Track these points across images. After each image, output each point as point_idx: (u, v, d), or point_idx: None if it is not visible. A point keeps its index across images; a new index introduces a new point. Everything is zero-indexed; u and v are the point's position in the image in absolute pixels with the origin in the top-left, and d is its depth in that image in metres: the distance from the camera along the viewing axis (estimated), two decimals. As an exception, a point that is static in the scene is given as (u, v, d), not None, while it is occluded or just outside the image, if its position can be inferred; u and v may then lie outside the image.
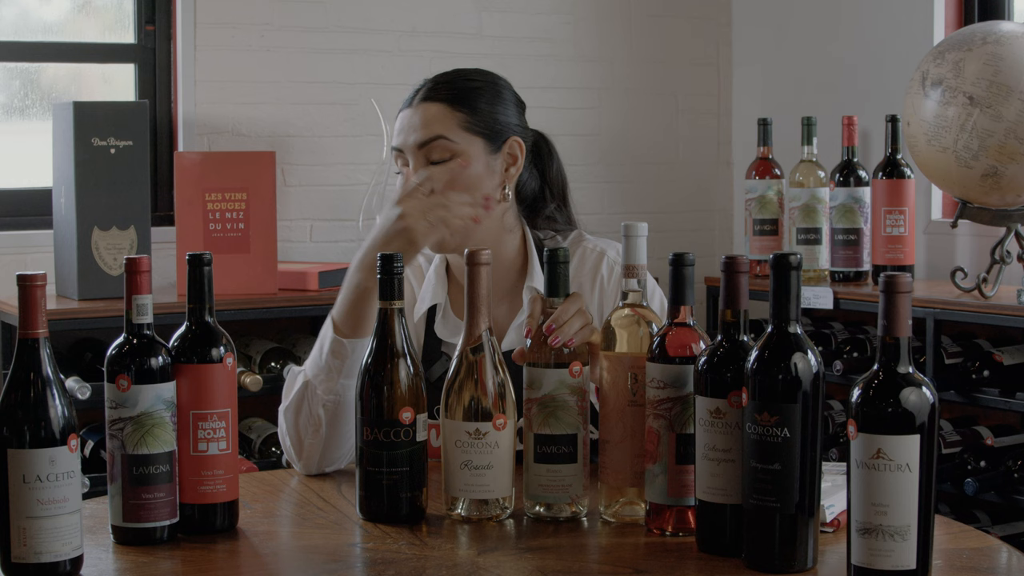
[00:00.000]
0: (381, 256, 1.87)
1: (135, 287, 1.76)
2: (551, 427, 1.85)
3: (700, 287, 4.13)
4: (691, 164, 4.54)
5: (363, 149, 3.99)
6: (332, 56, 3.99)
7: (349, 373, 2.09)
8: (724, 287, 1.70)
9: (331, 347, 2.11)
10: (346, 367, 2.10)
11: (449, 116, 2.22)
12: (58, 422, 1.62)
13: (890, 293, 1.55)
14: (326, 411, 2.10)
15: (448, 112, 2.22)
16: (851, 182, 3.66)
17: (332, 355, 2.10)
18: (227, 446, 1.81)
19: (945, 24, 3.85)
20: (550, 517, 1.87)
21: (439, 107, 2.22)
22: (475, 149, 2.22)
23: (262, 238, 3.53)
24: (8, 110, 3.80)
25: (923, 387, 1.55)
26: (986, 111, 3.14)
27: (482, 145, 2.23)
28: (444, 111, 2.22)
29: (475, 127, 2.23)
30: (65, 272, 3.41)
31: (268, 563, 1.76)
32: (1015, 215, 3.33)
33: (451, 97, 2.23)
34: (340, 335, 2.10)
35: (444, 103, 2.23)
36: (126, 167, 3.37)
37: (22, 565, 1.62)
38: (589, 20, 4.35)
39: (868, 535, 1.55)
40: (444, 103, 2.23)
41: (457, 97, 2.23)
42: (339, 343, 2.10)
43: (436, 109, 2.22)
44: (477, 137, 2.23)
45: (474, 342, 1.87)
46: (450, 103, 2.23)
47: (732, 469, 1.68)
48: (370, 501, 1.87)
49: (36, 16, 3.83)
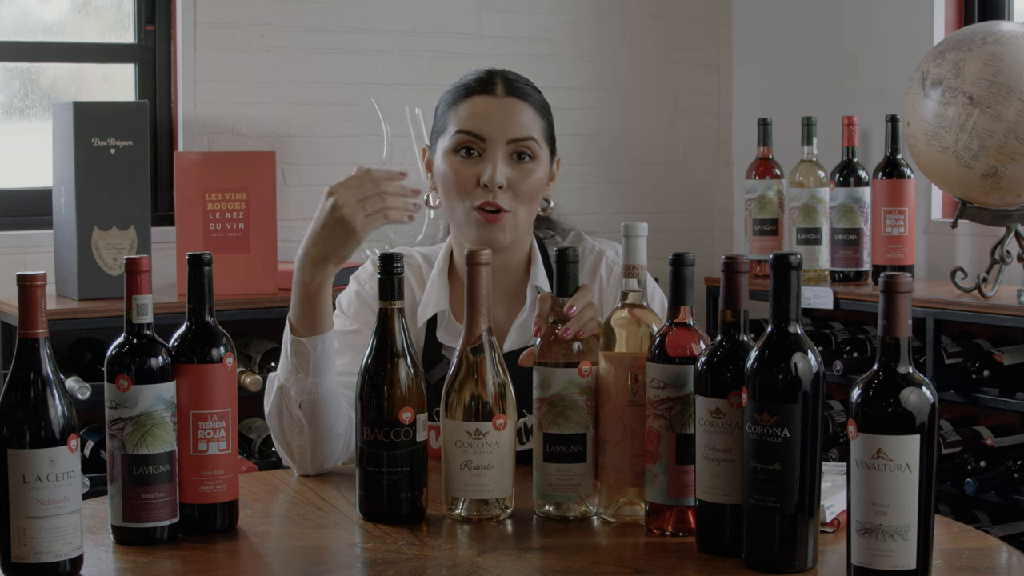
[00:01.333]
0: (381, 256, 1.88)
1: (135, 287, 1.76)
2: (560, 426, 1.85)
3: (700, 287, 4.13)
4: (691, 164, 4.54)
5: (363, 149, 3.99)
6: (332, 56, 3.99)
7: (318, 371, 2.09)
8: (724, 287, 1.70)
9: (292, 348, 2.09)
10: (312, 365, 2.08)
11: (537, 120, 2.24)
12: (58, 422, 1.62)
13: (890, 293, 1.55)
14: (303, 411, 2.10)
15: (536, 116, 2.24)
16: (851, 182, 3.66)
17: (295, 356, 2.09)
18: (227, 446, 1.81)
19: (945, 24, 3.86)
20: (560, 516, 1.87)
21: (528, 107, 2.24)
22: (544, 157, 2.25)
23: (262, 238, 3.53)
24: (8, 110, 3.80)
25: (923, 387, 1.55)
26: (986, 111, 3.14)
27: (547, 155, 2.27)
28: (532, 112, 2.24)
29: (548, 137, 2.27)
30: (65, 272, 3.41)
31: (268, 563, 1.76)
32: (1015, 215, 3.33)
33: (536, 101, 2.25)
34: (297, 335, 2.09)
35: (531, 106, 2.24)
36: (126, 167, 3.37)
37: (22, 565, 1.62)
38: (589, 20, 4.35)
39: (868, 535, 1.55)
40: (531, 106, 2.24)
41: (539, 102, 2.26)
42: (298, 343, 2.09)
43: (528, 109, 2.23)
44: (547, 147, 2.26)
45: (474, 342, 1.87)
46: (535, 108, 2.25)
47: (732, 469, 1.68)
48: (370, 501, 1.87)
49: (36, 16, 3.83)
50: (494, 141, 2.20)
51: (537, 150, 2.23)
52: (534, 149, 2.22)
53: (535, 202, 2.25)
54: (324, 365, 2.09)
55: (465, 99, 2.24)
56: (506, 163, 2.20)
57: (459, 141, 2.21)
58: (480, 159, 2.20)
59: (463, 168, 2.21)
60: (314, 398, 2.09)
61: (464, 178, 2.20)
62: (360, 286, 2.30)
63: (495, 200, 2.19)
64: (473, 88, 2.24)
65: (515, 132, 2.21)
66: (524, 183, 2.21)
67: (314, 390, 2.09)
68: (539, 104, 2.26)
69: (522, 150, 2.21)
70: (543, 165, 2.24)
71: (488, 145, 2.20)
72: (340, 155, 3.99)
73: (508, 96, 2.23)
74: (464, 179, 2.20)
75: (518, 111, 2.22)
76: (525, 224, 2.25)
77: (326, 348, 2.09)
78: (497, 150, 2.20)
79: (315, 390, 2.09)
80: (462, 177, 2.20)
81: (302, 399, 2.10)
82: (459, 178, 2.20)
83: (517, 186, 2.20)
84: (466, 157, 2.21)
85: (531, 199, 2.23)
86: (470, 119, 2.21)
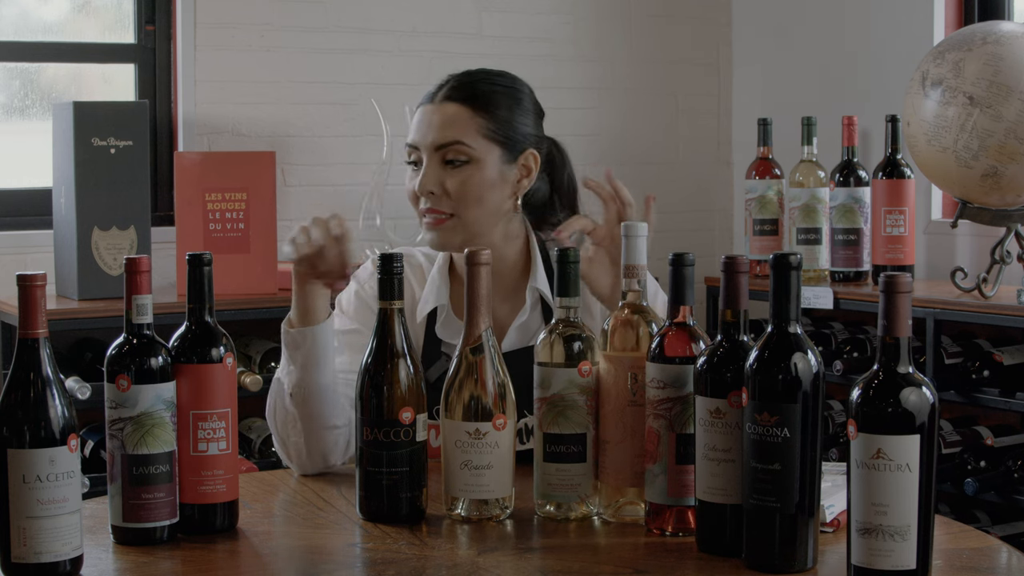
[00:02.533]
0: (381, 256, 1.88)
1: (135, 287, 1.76)
2: (560, 426, 1.85)
3: (700, 287, 4.13)
4: (691, 164, 4.54)
5: (363, 149, 3.99)
6: (332, 56, 3.99)
7: (309, 363, 2.10)
8: (724, 287, 1.70)
9: (285, 339, 2.13)
10: (303, 356, 2.10)
11: (469, 120, 2.22)
12: (58, 422, 1.62)
13: (890, 293, 1.55)
14: (294, 402, 2.11)
15: (469, 116, 2.22)
16: (851, 182, 3.66)
17: (286, 347, 2.13)
18: (227, 446, 1.81)
19: (945, 24, 3.85)
20: (560, 516, 1.87)
21: (460, 109, 2.22)
22: (491, 157, 2.23)
23: (262, 238, 3.53)
24: (8, 110, 3.80)
25: (923, 387, 1.55)
26: (986, 111, 3.14)
27: (498, 154, 2.24)
28: (465, 114, 2.22)
29: (493, 134, 2.23)
30: (65, 272, 3.41)
31: (268, 563, 1.76)
32: (1015, 215, 3.33)
33: (473, 100, 2.22)
34: (289, 326, 2.13)
35: (466, 106, 2.22)
36: (126, 167, 3.37)
37: (22, 565, 1.62)
38: (589, 20, 4.35)
39: (868, 535, 1.55)
40: (466, 106, 2.22)
41: (479, 101, 2.23)
42: (288, 334, 2.12)
43: (457, 111, 2.22)
44: (494, 145, 2.23)
45: (474, 342, 1.87)
46: (472, 106, 2.22)
47: (732, 469, 1.68)
48: (370, 501, 1.87)
49: (36, 16, 3.83)
50: (426, 149, 2.23)
51: (470, 151, 2.21)
52: (466, 151, 2.21)
53: (484, 203, 2.22)
54: (316, 357, 2.09)
55: (416, 110, 2.28)
56: (440, 168, 2.22)
57: (407, 154, 2.27)
58: (419, 168, 2.24)
59: (410, 180, 2.26)
60: (306, 391, 2.10)
61: (410, 190, 2.26)
62: (360, 285, 2.31)
63: (431, 206, 2.22)
64: (422, 99, 2.28)
65: (437, 138, 2.22)
66: (457, 187, 2.21)
67: (306, 382, 2.10)
68: (482, 103, 2.23)
69: (449, 155, 2.21)
70: (488, 165, 2.22)
71: (423, 154, 2.23)
72: (340, 155, 3.99)
73: (444, 101, 2.24)
74: (410, 191, 2.26)
75: (448, 115, 2.22)
76: (479, 225, 2.23)
77: (317, 340, 2.10)
78: (429, 157, 2.22)
79: (307, 383, 2.10)
80: (409, 189, 2.26)
81: (293, 391, 2.11)
82: (408, 190, 2.26)
83: (451, 190, 2.21)
84: (414, 168, 2.25)
85: (475, 201, 2.21)
86: (412, 131, 2.26)
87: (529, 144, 2.27)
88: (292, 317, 2.13)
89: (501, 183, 2.24)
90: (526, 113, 2.27)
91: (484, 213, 2.23)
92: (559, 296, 1.88)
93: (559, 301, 1.88)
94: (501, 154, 2.24)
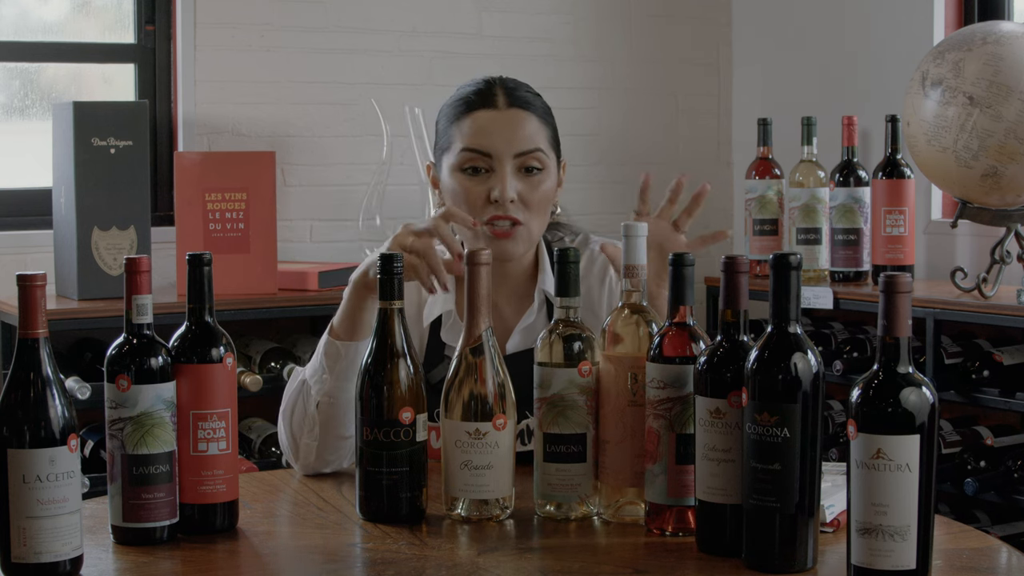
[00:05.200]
0: (381, 256, 1.88)
1: (135, 287, 1.76)
2: (560, 426, 1.85)
3: (700, 287, 4.12)
4: (691, 164, 4.53)
5: (363, 149, 3.99)
6: (332, 56, 3.99)
7: (343, 376, 2.10)
8: (724, 287, 1.71)
9: (324, 348, 2.12)
10: (339, 369, 2.10)
11: (541, 129, 2.23)
12: (58, 422, 1.62)
13: (890, 293, 1.55)
14: (320, 411, 2.10)
15: (540, 125, 2.23)
16: (851, 182, 3.66)
17: (325, 356, 2.11)
18: (227, 446, 1.81)
19: (945, 24, 3.85)
20: (561, 516, 1.87)
21: (532, 117, 2.22)
22: (553, 165, 2.26)
23: (262, 238, 3.53)
24: (8, 110, 3.80)
25: (923, 387, 1.55)
26: (986, 111, 3.14)
27: (555, 162, 2.26)
28: (536, 122, 2.23)
29: (554, 143, 2.26)
30: (65, 272, 3.41)
31: (268, 563, 1.76)
32: (1015, 215, 3.33)
33: (537, 109, 2.24)
34: (334, 336, 2.12)
35: (534, 114, 2.23)
36: (126, 167, 3.37)
37: (22, 565, 1.62)
38: (589, 20, 4.35)
39: (868, 535, 1.55)
40: (534, 114, 2.23)
41: (542, 110, 2.25)
42: (332, 344, 2.11)
43: (530, 119, 2.22)
44: (554, 153, 2.26)
45: (474, 342, 1.87)
46: (538, 115, 2.24)
47: (732, 469, 1.68)
48: (370, 501, 1.87)
49: (36, 16, 3.83)
50: (501, 156, 2.19)
51: (545, 160, 2.22)
52: (542, 160, 2.21)
53: (546, 211, 2.25)
54: (352, 371, 2.08)
55: (467, 114, 2.22)
56: (515, 177, 2.20)
57: (465, 159, 2.20)
58: (488, 175, 2.20)
59: (472, 186, 2.20)
60: (335, 401, 2.10)
61: (474, 196, 2.20)
62: None
63: (508, 213, 2.18)
64: (474, 102, 2.22)
65: (521, 146, 2.20)
66: (535, 195, 2.20)
67: (335, 394, 2.10)
68: (542, 111, 2.25)
69: (530, 163, 2.20)
70: (552, 174, 2.24)
71: (495, 161, 2.19)
72: (340, 155, 3.99)
73: (510, 108, 2.21)
74: (474, 197, 2.20)
75: (522, 123, 2.21)
76: (538, 234, 2.25)
77: (358, 355, 2.09)
78: (505, 165, 2.19)
79: (336, 394, 2.10)
80: (472, 195, 2.20)
81: (320, 399, 2.10)
82: (469, 196, 2.20)
83: (528, 198, 2.20)
84: (473, 175, 2.20)
85: (542, 210, 2.23)
86: (474, 136, 2.20)
87: (561, 154, 2.31)
88: (338, 328, 2.12)
89: (555, 191, 2.27)
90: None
91: (544, 222, 2.25)
92: (559, 296, 1.88)
93: (559, 301, 1.88)
94: (556, 163, 2.27)
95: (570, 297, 1.88)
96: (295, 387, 2.15)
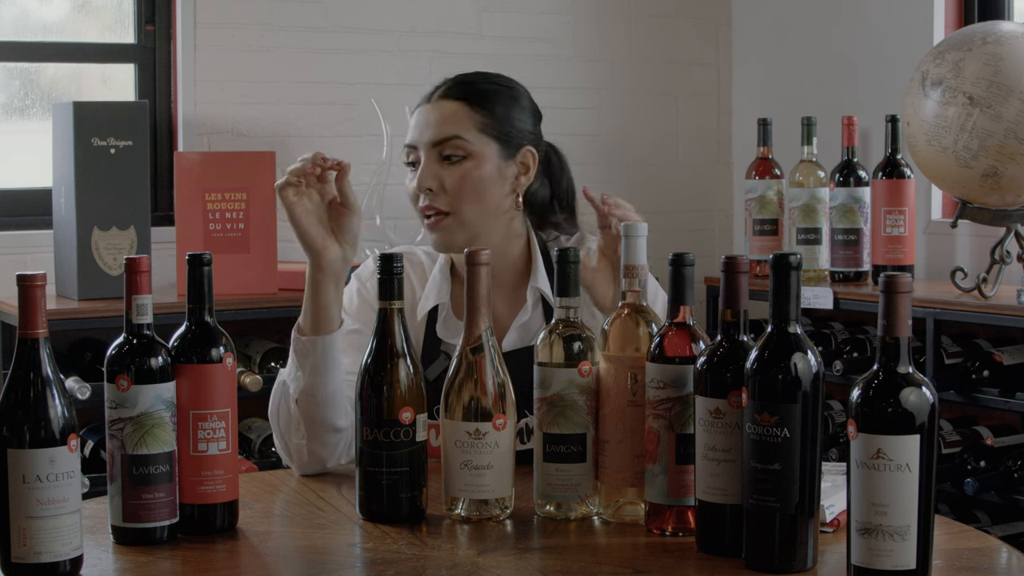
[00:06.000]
0: (381, 256, 1.88)
1: (135, 287, 1.76)
2: (560, 426, 1.85)
3: (700, 287, 4.13)
4: (691, 164, 4.54)
5: (363, 149, 3.99)
6: (332, 56, 3.99)
7: (316, 371, 2.10)
8: (724, 287, 1.71)
9: (293, 346, 2.13)
10: (311, 365, 2.10)
11: (466, 116, 2.23)
12: (58, 422, 1.62)
13: (890, 293, 1.55)
14: (300, 409, 2.11)
15: (466, 111, 2.23)
16: (851, 182, 3.66)
17: (295, 353, 2.12)
18: (227, 446, 1.81)
19: (945, 24, 3.85)
20: (561, 516, 1.87)
21: (457, 105, 2.23)
22: (488, 152, 2.23)
23: (262, 238, 3.53)
24: (8, 110, 3.80)
25: (923, 387, 1.55)
26: (986, 111, 3.14)
27: (496, 149, 2.24)
28: (461, 110, 2.23)
29: (491, 130, 2.24)
30: (65, 272, 3.41)
31: (268, 563, 1.76)
32: (1015, 215, 3.33)
33: (469, 97, 2.24)
34: (300, 333, 2.12)
35: (462, 102, 2.24)
36: (126, 167, 3.37)
37: (22, 565, 1.62)
38: (589, 20, 4.35)
39: (868, 535, 1.55)
40: (462, 102, 2.24)
41: (476, 97, 2.24)
42: (299, 341, 2.12)
43: (454, 107, 2.23)
44: (492, 140, 2.24)
45: (474, 342, 1.87)
46: (468, 103, 2.24)
47: (732, 469, 1.68)
48: (370, 501, 1.87)
49: (36, 16, 3.83)
50: (423, 147, 2.24)
51: (469, 147, 2.22)
52: (464, 147, 2.22)
53: (484, 199, 2.23)
54: (325, 366, 2.09)
55: (414, 112, 2.28)
56: (438, 165, 2.22)
57: (405, 155, 2.28)
58: (418, 168, 2.24)
59: (409, 181, 2.26)
60: (312, 398, 2.10)
61: (410, 190, 2.26)
62: (361, 284, 2.31)
63: (430, 204, 2.22)
64: (420, 100, 2.29)
65: (434, 134, 2.22)
66: (456, 182, 2.21)
67: (313, 390, 2.10)
68: (478, 99, 2.24)
69: (447, 151, 2.22)
70: (486, 161, 2.23)
71: (421, 152, 2.24)
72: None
73: (441, 99, 2.25)
74: (410, 191, 2.26)
75: (444, 112, 2.23)
76: (480, 222, 2.23)
77: (328, 350, 2.09)
78: (427, 155, 2.23)
79: (314, 390, 2.10)
80: (409, 189, 2.26)
81: (299, 397, 2.11)
82: (408, 191, 2.26)
83: (450, 186, 2.21)
84: (412, 168, 2.26)
85: (474, 197, 2.22)
86: (411, 130, 2.27)
87: (527, 141, 2.27)
88: (303, 324, 2.12)
89: (499, 179, 2.24)
90: (523, 111, 2.28)
91: (483, 210, 2.23)
92: (559, 296, 1.88)
93: (559, 301, 1.88)
94: (499, 150, 2.24)
95: (570, 297, 1.88)
96: (277, 390, 2.16)
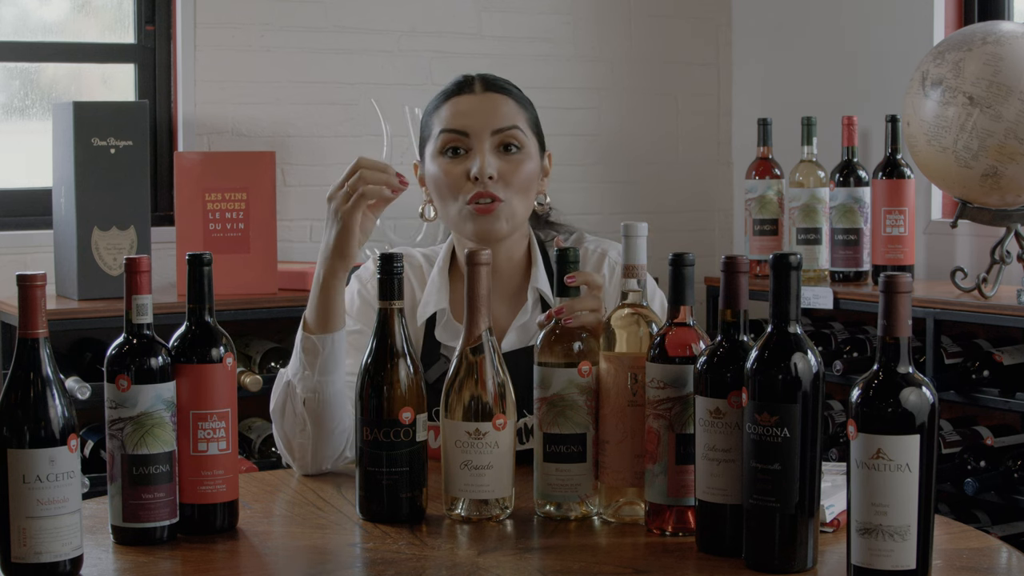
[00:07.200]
0: (381, 256, 1.88)
1: (135, 287, 1.76)
2: (560, 426, 1.85)
3: (700, 287, 4.13)
4: (691, 164, 4.54)
5: (363, 149, 3.98)
6: (332, 56, 3.99)
7: (325, 369, 2.09)
8: (724, 287, 1.71)
9: (302, 344, 2.12)
10: (320, 363, 2.10)
11: (519, 110, 2.25)
12: (58, 422, 1.62)
13: (890, 293, 1.55)
14: (307, 409, 2.10)
15: (518, 107, 2.25)
16: (851, 182, 3.66)
17: (304, 352, 2.11)
18: (227, 446, 1.81)
19: (945, 24, 3.85)
20: (560, 516, 1.87)
21: (510, 100, 2.25)
22: (534, 148, 2.26)
23: (262, 238, 3.53)
24: (8, 110, 3.80)
25: (923, 387, 1.55)
26: (986, 111, 3.14)
27: (536, 147, 2.27)
28: (515, 104, 2.25)
29: (534, 127, 2.27)
30: (65, 272, 3.41)
31: (268, 563, 1.76)
32: (1015, 215, 3.33)
33: (513, 92, 2.27)
34: (308, 331, 2.11)
35: (512, 98, 2.25)
36: (126, 167, 3.37)
37: (22, 565, 1.62)
38: (589, 20, 4.36)
39: (868, 535, 1.55)
40: (512, 98, 2.25)
41: (521, 97, 2.28)
42: (308, 339, 2.11)
43: (508, 101, 2.24)
44: (535, 138, 2.27)
45: (474, 342, 1.87)
46: (516, 100, 2.26)
47: (732, 469, 1.68)
48: (370, 501, 1.87)
49: (36, 16, 3.83)
50: (478, 134, 2.20)
51: (524, 140, 2.23)
52: (520, 139, 2.22)
53: (529, 194, 2.24)
54: (332, 364, 2.09)
55: (445, 102, 2.25)
56: (493, 154, 2.21)
57: (444, 141, 2.22)
58: (467, 156, 2.21)
59: (452, 167, 2.21)
60: (319, 397, 2.10)
61: (454, 176, 2.21)
62: (362, 284, 2.31)
63: (487, 190, 2.18)
64: (452, 91, 2.26)
65: (498, 123, 2.21)
66: (514, 173, 2.21)
67: (320, 388, 2.10)
68: (519, 97, 2.28)
69: (508, 140, 2.22)
70: (532, 156, 2.24)
71: (473, 140, 2.20)
72: (340, 155, 3.99)
73: (486, 91, 2.24)
74: (454, 177, 2.21)
75: (498, 103, 2.23)
76: (522, 215, 2.24)
77: (335, 347, 2.10)
78: (483, 143, 2.20)
79: (321, 388, 2.10)
80: (452, 176, 2.21)
81: (307, 396, 2.10)
82: (449, 177, 2.21)
83: (508, 176, 2.20)
84: (453, 156, 2.22)
85: (524, 190, 2.22)
86: (453, 118, 2.22)
87: (545, 145, 2.31)
88: (310, 321, 2.11)
89: (538, 177, 2.27)
90: None
91: (526, 205, 2.25)
92: (559, 296, 1.88)
93: (559, 302, 1.88)
94: (538, 148, 2.27)
95: (570, 297, 1.88)
96: (281, 389, 2.15)
